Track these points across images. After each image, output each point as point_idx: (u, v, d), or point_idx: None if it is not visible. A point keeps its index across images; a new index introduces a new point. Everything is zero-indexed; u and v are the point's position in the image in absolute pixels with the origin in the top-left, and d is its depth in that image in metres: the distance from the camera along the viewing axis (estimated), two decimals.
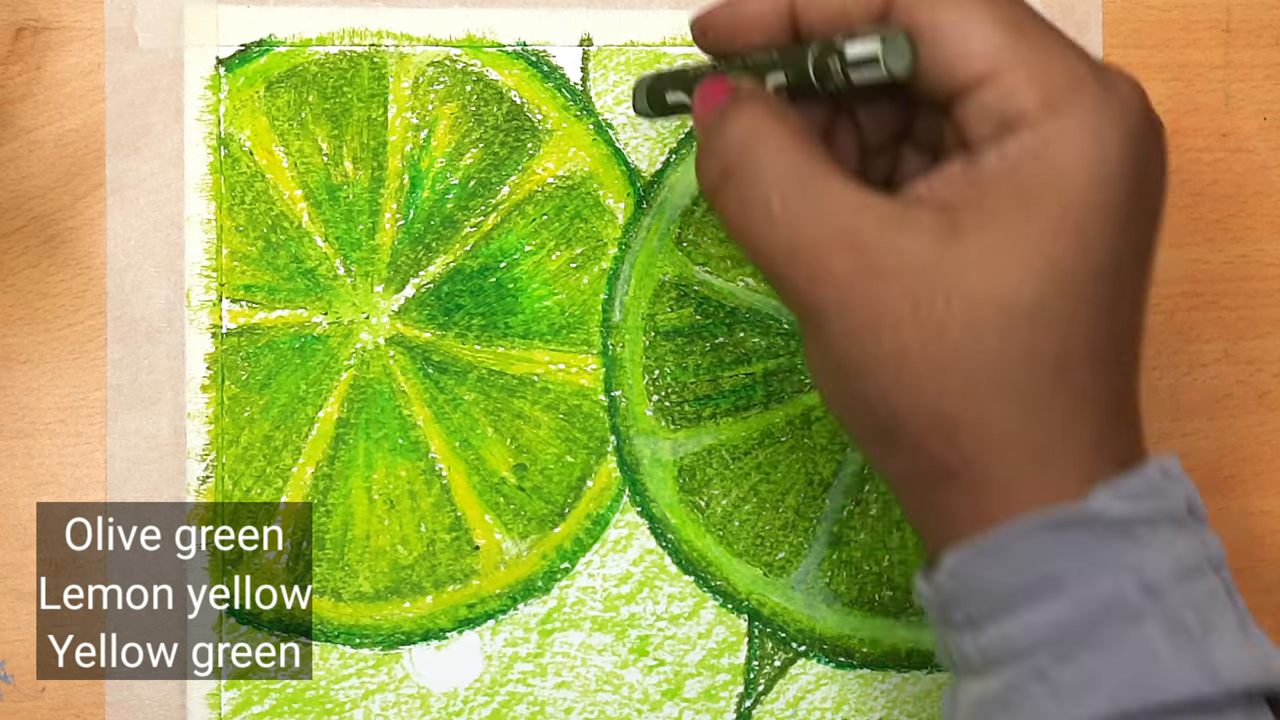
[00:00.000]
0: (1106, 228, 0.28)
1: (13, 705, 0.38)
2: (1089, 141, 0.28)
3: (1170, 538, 0.28)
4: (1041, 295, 0.28)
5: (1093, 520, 0.28)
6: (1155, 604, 0.28)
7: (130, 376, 0.38)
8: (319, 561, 0.38)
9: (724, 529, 0.39)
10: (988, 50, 0.29)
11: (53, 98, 0.39)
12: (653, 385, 0.39)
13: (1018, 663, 0.28)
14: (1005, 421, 0.28)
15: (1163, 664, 0.27)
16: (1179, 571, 0.28)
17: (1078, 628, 0.28)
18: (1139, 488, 0.28)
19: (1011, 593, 0.28)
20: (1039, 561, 0.28)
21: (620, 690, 0.39)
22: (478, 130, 0.39)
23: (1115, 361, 0.29)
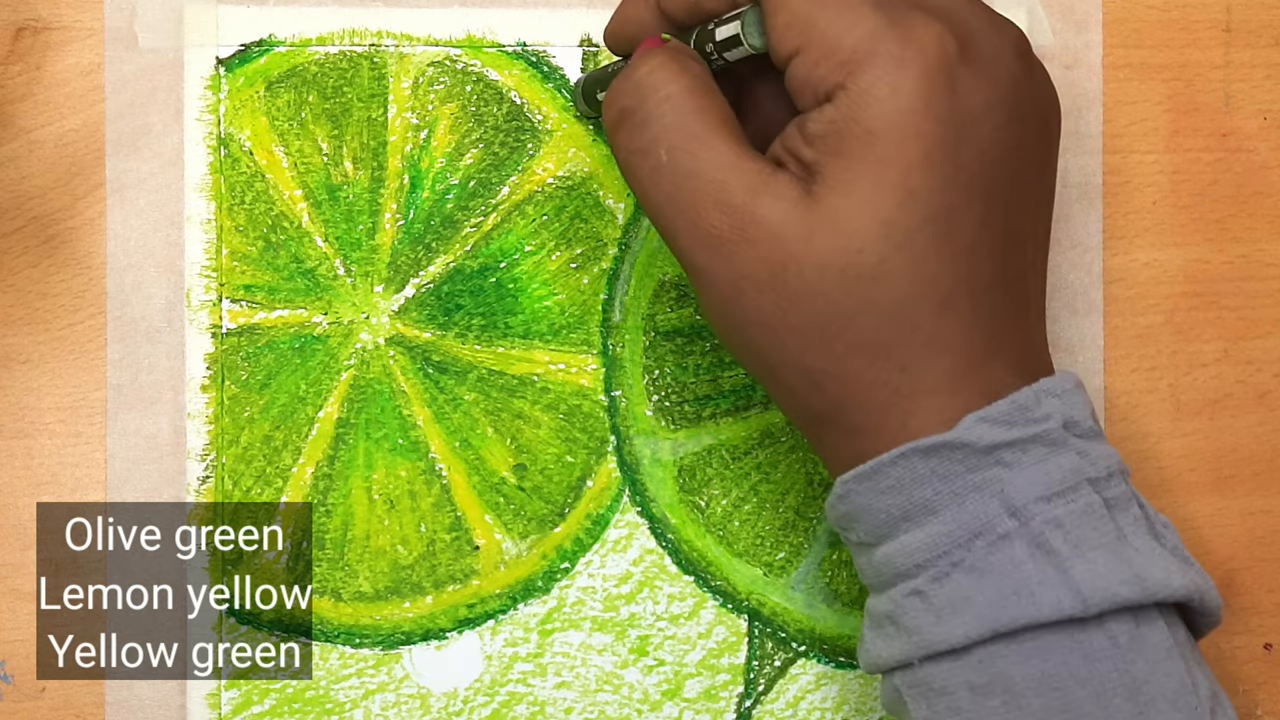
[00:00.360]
0: (928, 174, 0.29)
1: (13, 705, 0.38)
2: (887, 97, 0.29)
3: (1041, 459, 0.29)
4: (880, 254, 0.29)
5: (960, 446, 0.29)
6: (1021, 525, 0.29)
7: (130, 376, 0.38)
8: (319, 561, 0.38)
9: (724, 529, 0.39)
10: (795, 23, 0.30)
11: (53, 98, 0.38)
12: (653, 385, 0.39)
13: (902, 583, 0.30)
14: (863, 371, 0.30)
15: (1029, 584, 0.28)
16: (1047, 491, 0.29)
17: (950, 550, 0.29)
18: (1007, 412, 0.29)
19: (891, 517, 0.30)
20: (913, 487, 0.29)
21: (620, 690, 0.39)
22: (478, 130, 0.39)
23: (972, 304, 0.30)
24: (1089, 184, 0.40)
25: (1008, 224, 0.30)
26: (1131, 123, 0.41)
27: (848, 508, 0.31)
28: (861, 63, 0.29)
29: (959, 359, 0.29)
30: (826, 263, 0.29)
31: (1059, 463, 0.29)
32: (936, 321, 0.29)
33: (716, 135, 0.30)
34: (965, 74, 0.29)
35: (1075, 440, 0.30)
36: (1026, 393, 0.30)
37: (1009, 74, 0.30)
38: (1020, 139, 0.30)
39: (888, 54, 0.29)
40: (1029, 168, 0.31)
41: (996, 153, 0.30)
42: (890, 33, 0.29)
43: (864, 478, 0.30)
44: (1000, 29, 0.31)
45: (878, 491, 0.30)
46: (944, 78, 0.29)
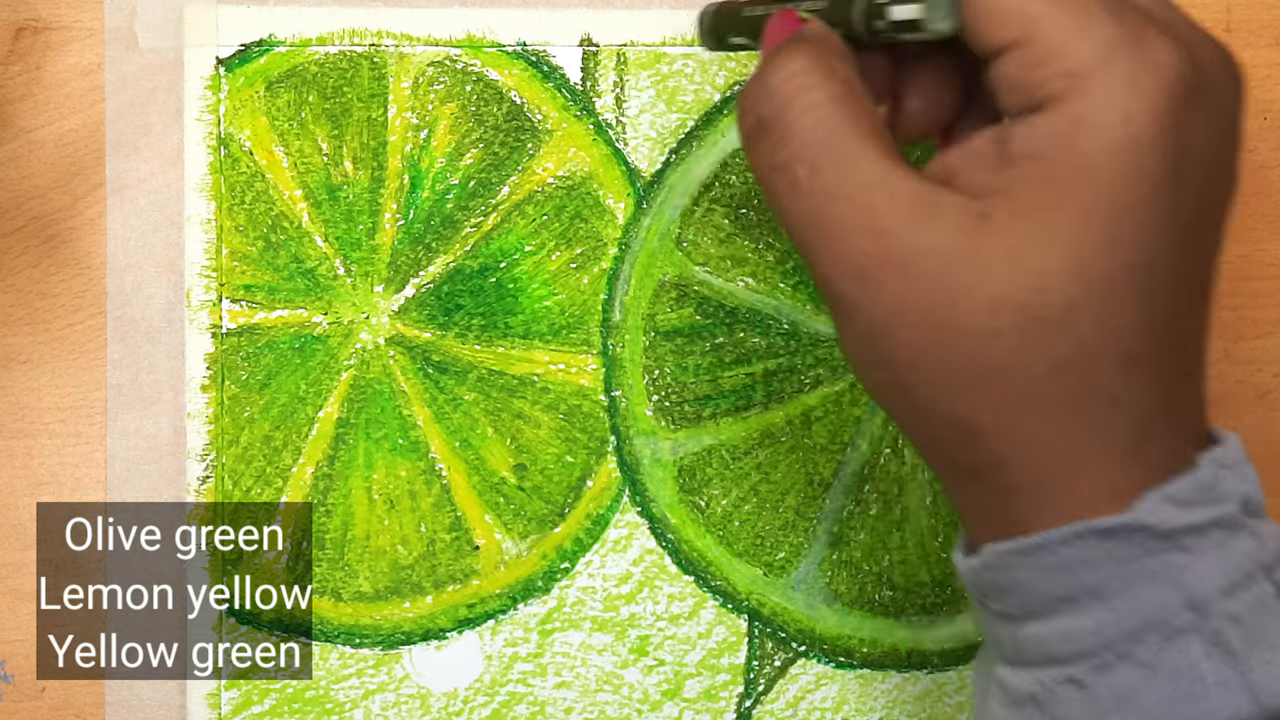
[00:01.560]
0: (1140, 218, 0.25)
1: (13, 705, 0.38)
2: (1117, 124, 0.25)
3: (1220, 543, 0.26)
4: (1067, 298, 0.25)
5: (1141, 529, 0.26)
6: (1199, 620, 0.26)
7: (130, 376, 0.38)
8: (319, 561, 0.38)
9: (724, 529, 0.39)
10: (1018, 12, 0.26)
11: (53, 98, 0.38)
12: (653, 385, 0.39)
13: (1055, 668, 0.27)
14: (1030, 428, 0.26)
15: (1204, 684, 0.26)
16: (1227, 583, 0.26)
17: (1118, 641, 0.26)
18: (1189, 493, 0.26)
19: (1051, 598, 0.27)
20: (1082, 569, 0.26)
21: (620, 690, 0.39)
22: (478, 130, 0.39)
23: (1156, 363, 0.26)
24: None
25: (1202, 282, 0.27)
26: None
27: (999, 580, 0.27)
28: (1092, 76, 0.25)
29: (1139, 424, 0.26)
30: (1002, 300, 0.25)
31: (1237, 548, 0.26)
32: (1120, 380, 0.26)
33: (866, 151, 0.27)
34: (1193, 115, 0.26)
35: (1249, 521, 0.27)
36: (1208, 468, 0.27)
37: (1231, 117, 0.27)
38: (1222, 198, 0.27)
39: (1125, 73, 0.25)
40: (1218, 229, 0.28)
41: (1207, 205, 0.27)
42: (1128, 49, 0.25)
43: (1026, 552, 0.27)
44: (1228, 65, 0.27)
45: (1040, 569, 0.26)
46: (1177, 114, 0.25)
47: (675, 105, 0.39)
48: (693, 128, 0.40)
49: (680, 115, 0.40)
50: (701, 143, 0.40)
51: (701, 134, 0.40)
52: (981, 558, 0.27)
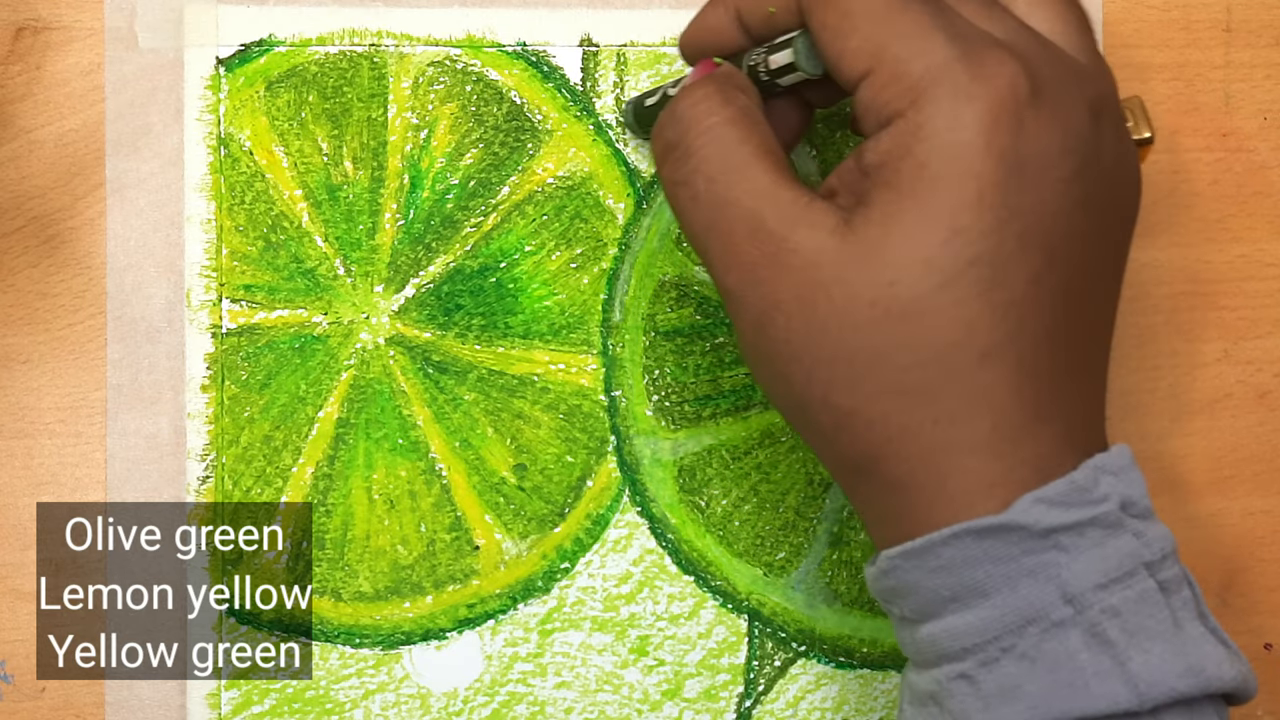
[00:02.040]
0: (978, 215, 0.27)
1: (13, 705, 0.38)
2: (945, 129, 0.28)
3: (1098, 541, 0.28)
4: (915, 292, 0.28)
5: (1017, 529, 0.28)
6: (1077, 614, 0.27)
7: (130, 376, 0.38)
8: (319, 561, 0.38)
9: (724, 529, 0.39)
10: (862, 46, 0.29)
11: (53, 98, 0.38)
12: (653, 385, 0.39)
13: (949, 665, 0.29)
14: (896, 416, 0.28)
15: (1084, 676, 0.27)
16: (1105, 578, 0.28)
17: (1001, 636, 0.28)
18: (1065, 493, 0.28)
19: (939, 597, 0.28)
20: (964, 568, 0.28)
21: (620, 690, 0.39)
22: (478, 130, 0.39)
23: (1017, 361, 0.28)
24: None
25: (1068, 284, 0.29)
26: None
27: (893, 583, 0.29)
28: (925, 91, 0.28)
29: (1002, 419, 0.28)
30: (859, 294, 0.28)
31: (1116, 546, 0.28)
32: (977, 373, 0.28)
33: (754, 165, 0.30)
34: (1033, 118, 0.28)
35: (1132, 521, 0.28)
36: (1085, 471, 0.28)
37: (1080, 128, 0.29)
38: (1086, 198, 0.29)
39: (954, 85, 0.28)
40: (1095, 232, 0.29)
41: (1058, 206, 0.28)
42: (960, 64, 0.28)
43: (912, 555, 0.28)
44: (1081, 81, 0.29)
45: (926, 570, 0.28)
46: (1010, 118, 0.28)
47: None
48: None
49: None
50: None
51: None
52: (878, 564, 0.29)
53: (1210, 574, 0.41)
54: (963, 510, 0.28)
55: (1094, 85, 0.30)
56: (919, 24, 0.29)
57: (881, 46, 0.29)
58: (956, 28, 0.29)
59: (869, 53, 0.29)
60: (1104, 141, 0.29)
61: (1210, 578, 0.41)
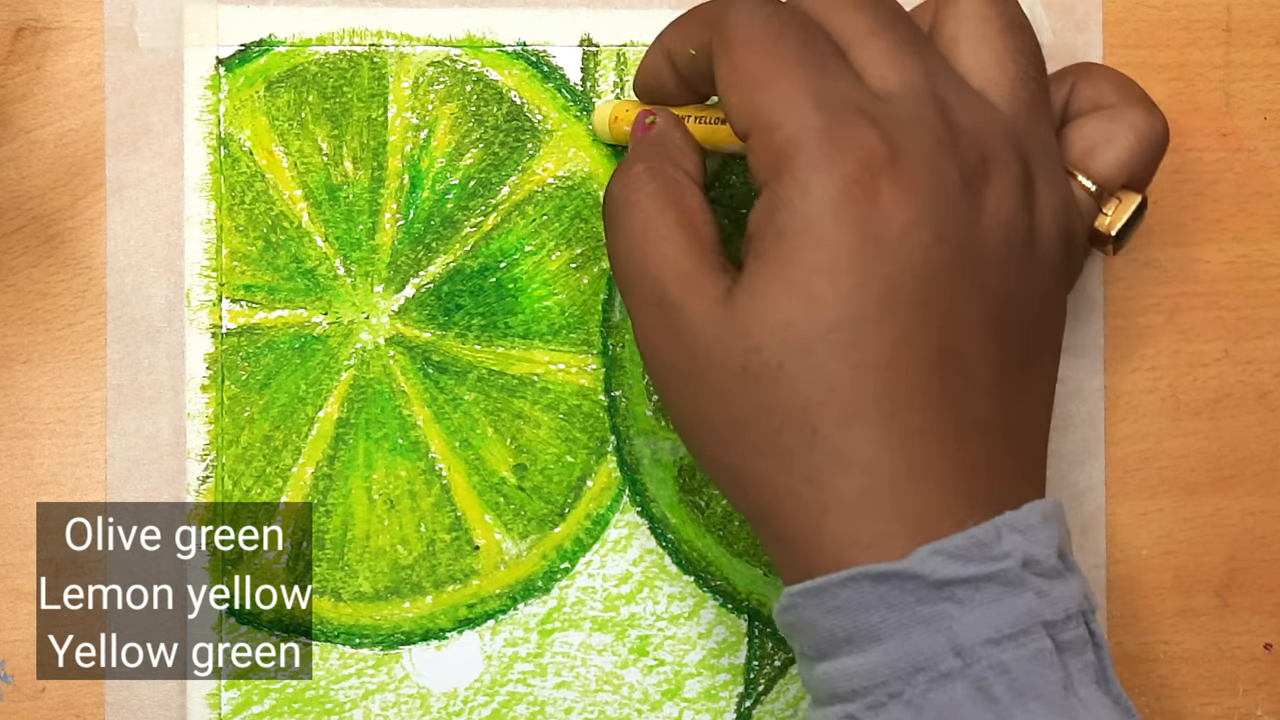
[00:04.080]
0: (833, 283, 0.28)
1: (13, 705, 0.38)
2: (798, 199, 0.28)
3: (995, 598, 0.28)
4: (778, 356, 0.29)
5: (912, 577, 0.28)
6: (965, 667, 0.28)
7: (130, 376, 0.38)
8: (319, 561, 0.38)
9: (724, 529, 0.39)
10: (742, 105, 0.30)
11: (53, 98, 0.39)
12: (653, 385, 0.39)
13: (839, 705, 0.29)
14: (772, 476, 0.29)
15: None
16: (996, 634, 0.28)
17: (890, 680, 0.28)
18: (964, 547, 0.28)
19: (834, 637, 0.29)
20: (859, 612, 0.28)
21: (620, 690, 0.39)
22: (478, 130, 0.39)
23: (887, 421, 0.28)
24: None
25: (944, 345, 0.29)
26: None
27: (793, 619, 0.30)
28: (786, 161, 0.29)
29: (871, 477, 0.28)
30: (729, 360, 0.29)
31: (1013, 604, 0.28)
32: (841, 434, 0.28)
33: (665, 238, 0.31)
34: (889, 186, 0.28)
35: (1035, 580, 0.28)
36: (987, 528, 0.28)
37: (940, 192, 0.29)
38: (960, 262, 0.29)
39: (808, 156, 0.28)
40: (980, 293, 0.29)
41: (920, 271, 0.29)
42: (818, 134, 0.29)
43: (810, 594, 0.29)
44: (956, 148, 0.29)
45: (823, 610, 0.29)
46: (861, 189, 0.28)
47: None
48: None
49: None
50: None
51: None
52: (780, 600, 0.30)
53: (1210, 574, 0.41)
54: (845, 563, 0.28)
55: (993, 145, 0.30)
56: (791, 88, 0.29)
57: (756, 110, 0.30)
58: (827, 91, 0.29)
59: (748, 114, 0.30)
60: (985, 203, 0.30)
61: (1210, 578, 0.41)
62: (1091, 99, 0.34)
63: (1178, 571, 0.41)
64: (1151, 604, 0.40)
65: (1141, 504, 0.40)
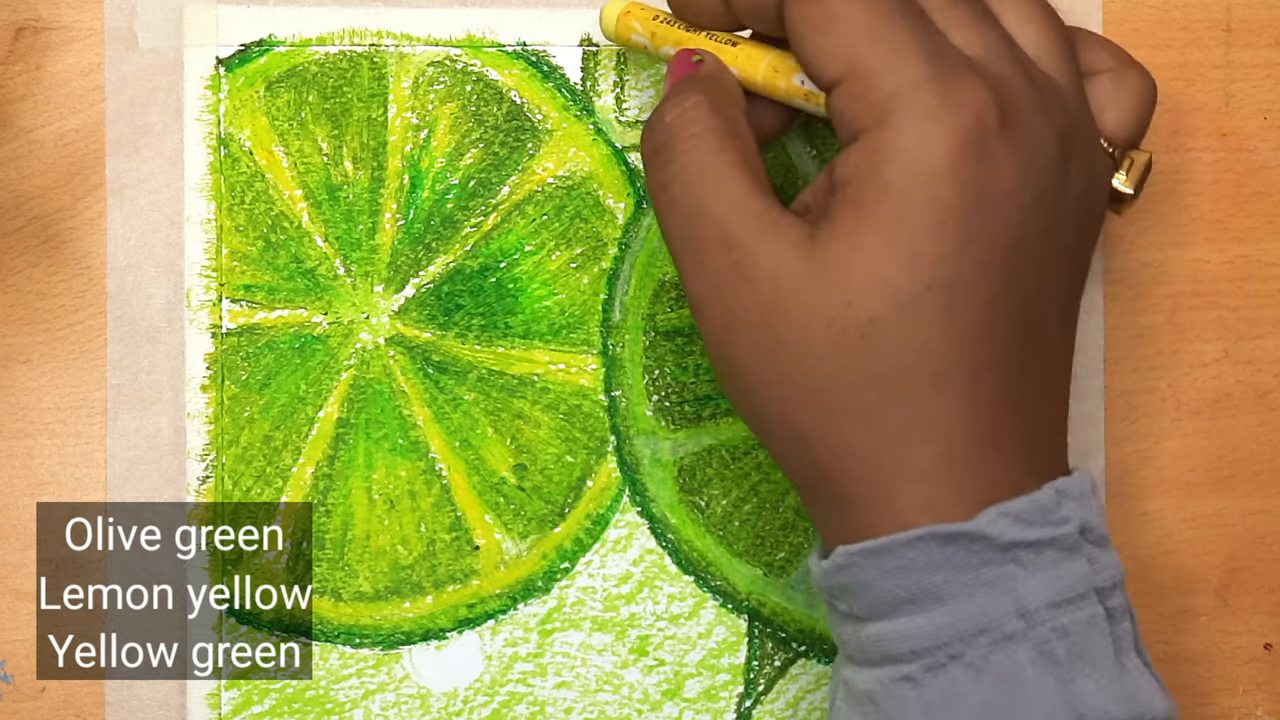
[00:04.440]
0: (940, 241, 0.27)
1: (13, 705, 0.38)
2: (911, 151, 0.28)
3: (1055, 562, 0.28)
4: (872, 313, 0.28)
5: (980, 538, 0.28)
6: (1029, 629, 0.28)
7: (130, 376, 0.38)
8: (319, 561, 0.38)
9: (724, 529, 0.39)
10: (839, 50, 0.29)
11: (53, 98, 0.39)
12: (653, 385, 0.39)
13: (892, 666, 0.29)
14: (848, 437, 0.28)
15: (1026, 689, 0.27)
16: (1056, 598, 0.28)
17: (951, 642, 0.28)
18: (1029, 511, 0.28)
19: (894, 598, 0.28)
20: (924, 572, 0.28)
21: (620, 690, 0.39)
22: (478, 130, 0.39)
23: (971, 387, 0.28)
24: None
25: (1025, 312, 0.29)
26: None
27: (846, 580, 0.29)
28: (895, 109, 0.28)
29: (953, 444, 0.28)
30: (816, 312, 0.28)
31: (1071, 569, 0.28)
32: (929, 398, 0.28)
33: (729, 175, 0.30)
34: (999, 147, 0.28)
35: (1088, 547, 0.29)
36: (1048, 493, 0.28)
37: (1046, 159, 0.29)
38: (1049, 228, 0.29)
39: (923, 106, 0.28)
40: (1054, 261, 0.30)
41: (1019, 236, 0.28)
42: (931, 85, 0.28)
43: (872, 554, 0.28)
44: (1050, 113, 0.29)
45: (884, 570, 0.28)
46: (976, 145, 0.28)
47: None
48: None
49: None
50: None
51: None
52: (833, 559, 0.29)
53: (1210, 574, 0.41)
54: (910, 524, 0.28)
55: (1066, 114, 0.30)
56: (897, 37, 0.28)
57: (857, 55, 0.29)
58: (934, 46, 0.29)
59: (844, 58, 0.29)
60: (1070, 173, 0.30)
61: (1210, 578, 0.41)
62: (1089, 63, 0.33)
63: (1177, 571, 0.41)
64: (1151, 604, 0.40)
65: (1141, 504, 0.40)
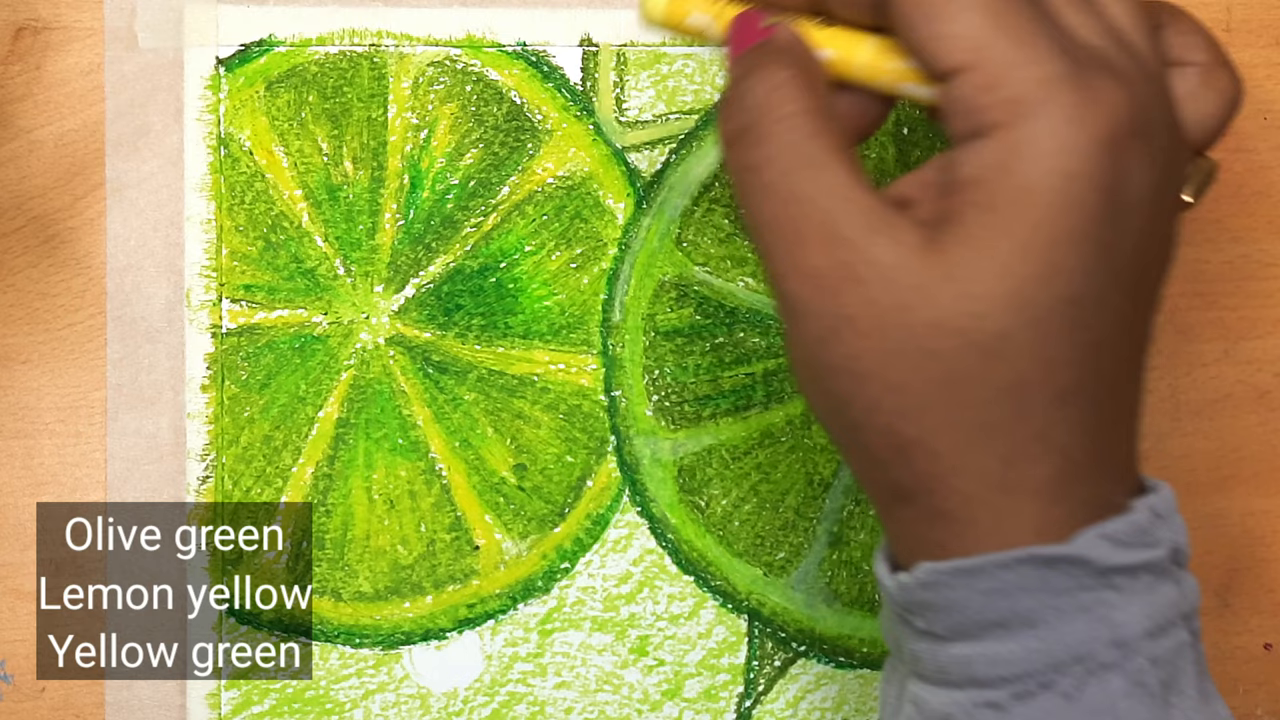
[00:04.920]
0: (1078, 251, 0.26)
1: (13, 705, 0.38)
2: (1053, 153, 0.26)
3: (1149, 588, 0.27)
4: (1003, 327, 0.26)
5: (1080, 562, 0.26)
6: (1123, 659, 0.26)
7: (130, 376, 0.38)
8: (319, 561, 0.38)
9: (724, 529, 0.39)
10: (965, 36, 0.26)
11: (53, 98, 0.38)
12: (653, 385, 0.39)
13: (975, 690, 0.27)
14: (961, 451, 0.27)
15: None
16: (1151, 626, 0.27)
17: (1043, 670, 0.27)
18: (1125, 534, 0.27)
19: (984, 620, 0.27)
20: (1018, 595, 0.27)
21: (620, 690, 0.39)
22: (478, 130, 0.39)
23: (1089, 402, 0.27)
24: None
25: (1140, 323, 0.28)
26: None
27: (931, 597, 0.27)
28: (1034, 106, 0.26)
29: (1069, 462, 0.27)
30: (943, 321, 0.26)
31: (1165, 594, 0.27)
32: (1051, 414, 0.26)
33: (833, 163, 0.27)
34: (1136, 151, 0.26)
35: (1175, 570, 0.28)
36: (1142, 514, 0.27)
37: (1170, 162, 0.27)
38: (1162, 238, 0.28)
39: (1065, 105, 0.26)
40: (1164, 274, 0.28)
41: (1140, 245, 0.27)
42: (1071, 83, 0.26)
43: (966, 573, 0.27)
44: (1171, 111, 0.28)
45: (977, 591, 0.27)
46: (1117, 150, 0.26)
47: (675, 105, 0.39)
48: (693, 128, 0.40)
49: (680, 115, 0.40)
50: (701, 143, 0.40)
51: (701, 134, 0.40)
52: (915, 575, 0.28)
53: (1210, 574, 0.41)
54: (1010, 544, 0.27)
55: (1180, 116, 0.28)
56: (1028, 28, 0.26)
57: (986, 43, 0.26)
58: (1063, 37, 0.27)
59: (970, 46, 0.26)
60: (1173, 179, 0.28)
61: (1210, 578, 0.41)
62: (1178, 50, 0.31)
63: None
64: None
65: None
